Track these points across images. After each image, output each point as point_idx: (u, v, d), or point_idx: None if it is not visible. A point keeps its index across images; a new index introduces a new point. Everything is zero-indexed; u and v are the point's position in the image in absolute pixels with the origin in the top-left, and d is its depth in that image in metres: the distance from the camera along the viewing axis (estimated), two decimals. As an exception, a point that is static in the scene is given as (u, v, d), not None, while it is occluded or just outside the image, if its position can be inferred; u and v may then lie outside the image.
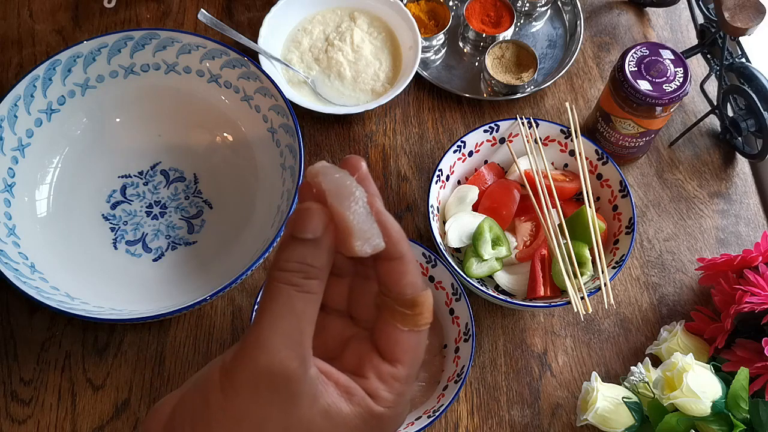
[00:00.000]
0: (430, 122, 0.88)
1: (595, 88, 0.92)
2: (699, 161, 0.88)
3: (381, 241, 0.35)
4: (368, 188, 0.37)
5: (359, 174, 0.37)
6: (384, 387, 0.37)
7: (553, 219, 0.74)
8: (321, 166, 0.35)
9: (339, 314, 0.41)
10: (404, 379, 0.37)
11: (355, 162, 0.37)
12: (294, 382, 0.34)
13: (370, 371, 0.37)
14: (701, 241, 0.83)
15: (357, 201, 0.35)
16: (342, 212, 0.35)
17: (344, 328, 0.40)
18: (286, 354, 0.33)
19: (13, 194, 0.73)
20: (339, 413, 0.35)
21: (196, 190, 0.79)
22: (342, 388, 0.36)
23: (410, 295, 0.37)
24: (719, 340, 0.70)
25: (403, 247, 0.37)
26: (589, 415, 0.67)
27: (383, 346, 0.37)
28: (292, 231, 0.35)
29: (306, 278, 0.35)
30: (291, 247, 0.35)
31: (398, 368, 0.37)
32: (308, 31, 0.90)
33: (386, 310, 0.37)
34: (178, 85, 0.80)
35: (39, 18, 0.92)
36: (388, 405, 0.37)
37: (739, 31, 0.75)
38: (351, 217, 0.35)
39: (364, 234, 0.35)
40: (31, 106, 0.74)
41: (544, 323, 0.78)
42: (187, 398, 0.36)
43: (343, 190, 0.35)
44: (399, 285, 0.37)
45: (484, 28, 0.92)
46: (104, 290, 0.73)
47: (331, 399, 0.35)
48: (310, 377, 0.34)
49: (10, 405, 0.70)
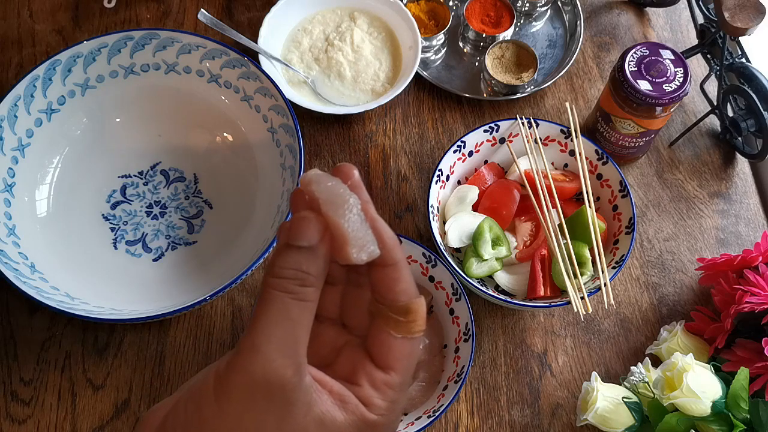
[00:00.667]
0: (430, 122, 0.88)
1: (595, 88, 0.92)
2: (699, 161, 0.88)
3: (376, 248, 0.35)
4: (361, 196, 0.37)
5: (352, 182, 0.37)
6: (377, 394, 0.37)
7: (553, 219, 0.74)
8: (314, 174, 0.36)
9: (332, 322, 0.41)
10: (397, 387, 0.37)
11: (348, 170, 0.37)
12: (289, 391, 0.33)
13: (363, 379, 0.37)
14: (701, 241, 0.83)
15: (351, 208, 0.35)
16: (337, 220, 0.35)
17: (337, 336, 0.40)
18: (281, 362, 0.33)
19: (13, 194, 0.73)
20: (333, 421, 0.35)
21: (196, 190, 0.79)
22: (336, 396, 0.36)
23: (404, 302, 0.37)
24: (719, 340, 0.70)
25: (397, 253, 0.37)
26: (589, 415, 0.67)
27: (376, 353, 0.37)
28: (287, 239, 0.35)
29: (302, 286, 0.35)
30: (287, 255, 0.35)
31: (391, 375, 0.37)
32: (308, 31, 0.90)
33: (379, 318, 0.37)
34: (178, 85, 0.80)
35: (39, 18, 0.92)
36: (382, 413, 0.37)
37: (739, 31, 0.75)
38: (346, 224, 0.35)
39: (359, 241, 0.35)
40: (31, 106, 0.74)
41: (544, 323, 0.78)
42: (180, 405, 0.36)
43: (336, 198, 0.35)
44: (393, 292, 0.37)
45: (484, 28, 0.92)
46: (104, 290, 0.73)
47: (325, 407, 0.35)
48: (305, 385, 0.34)
49: (10, 405, 0.70)
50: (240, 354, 0.34)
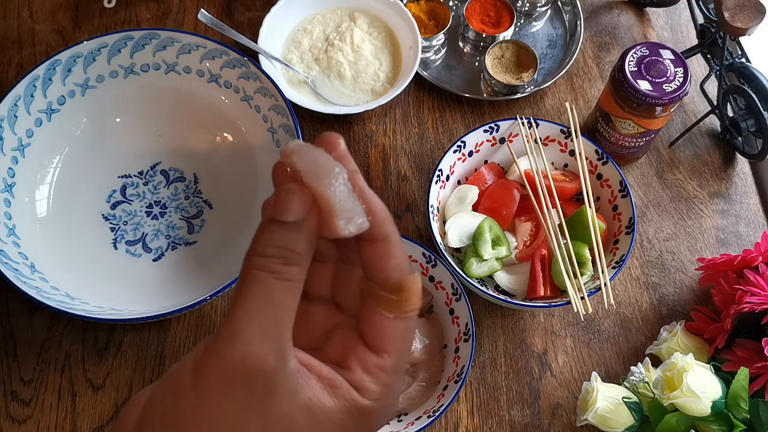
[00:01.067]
0: (430, 122, 0.88)
1: (595, 88, 0.92)
2: (699, 161, 0.88)
3: (365, 219, 0.33)
4: (348, 165, 0.34)
5: (337, 152, 0.34)
6: (370, 378, 0.34)
7: (553, 219, 0.74)
8: (294, 145, 0.33)
9: (323, 302, 0.38)
10: (391, 370, 0.35)
11: (332, 139, 0.34)
12: (271, 378, 0.31)
13: (354, 362, 0.34)
14: (701, 241, 0.83)
15: (337, 177, 0.32)
16: (321, 191, 0.32)
17: (328, 316, 0.37)
18: (262, 348, 0.31)
19: (13, 194, 0.73)
20: (322, 408, 0.32)
21: (196, 190, 0.79)
22: (325, 381, 0.33)
23: (396, 279, 0.34)
24: (719, 340, 0.70)
25: (388, 227, 0.34)
26: (589, 415, 0.67)
27: (368, 335, 0.35)
28: (271, 213, 0.32)
29: (286, 264, 0.32)
30: (270, 231, 0.32)
31: (384, 358, 0.35)
32: (308, 31, 0.90)
33: (371, 297, 0.35)
34: (178, 85, 0.80)
35: (39, 18, 0.92)
36: (375, 397, 0.34)
37: (739, 31, 0.75)
38: (331, 195, 0.32)
39: (347, 213, 0.32)
40: (31, 106, 0.74)
41: (544, 323, 0.78)
42: (157, 396, 0.33)
43: (320, 169, 0.32)
44: (384, 269, 0.34)
45: (484, 28, 0.92)
46: (104, 290, 0.73)
47: (313, 393, 0.33)
48: (290, 371, 0.32)
49: (10, 405, 0.70)
50: (218, 340, 0.31)
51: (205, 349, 0.32)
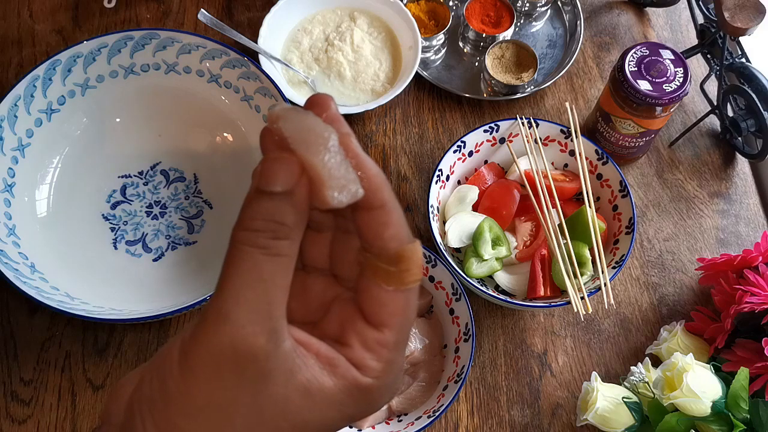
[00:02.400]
0: (430, 122, 0.88)
1: (595, 88, 0.92)
2: (699, 161, 0.88)
3: (359, 187, 0.30)
4: (340, 128, 0.31)
5: (328, 114, 0.31)
6: (370, 355, 0.32)
7: (553, 219, 0.74)
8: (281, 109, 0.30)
9: (321, 273, 0.36)
10: (392, 345, 0.33)
11: (323, 100, 0.31)
12: (263, 360, 0.29)
13: (353, 338, 0.32)
14: (701, 241, 0.83)
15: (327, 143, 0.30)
16: (310, 158, 0.29)
17: (327, 288, 0.35)
18: (251, 329, 0.29)
19: (13, 194, 0.73)
20: (321, 389, 0.31)
21: (196, 190, 0.79)
22: (323, 360, 0.31)
23: (394, 249, 0.32)
24: (719, 340, 0.70)
25: (385, 194, 0.31)
26: (589, 415, 0.67)
27: (367, 309, 0.33)
28: (257, 184, 0.30)
29: (275, 238, 0.30)
30: (257, 203, 0.30)
31: (385, 333, 0.32)
32: (308, 31, 0.90)
33: (369, 269, 0.32)
34: (178, 85, 0.80)
35: (39, 18, 0.92)
36: (376, 375, 0.32)
37: (739, 31, 0.75)
38: (321, 163, 0.29)
39: (338, 181, 0.30)
40: (31, 106, 0.74)
41: (544, 323, 0.78)
42: (145, 380, 0.32)
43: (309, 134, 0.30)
44: (381, 238, 0.32)
45: (484, 28, 0.92)
46: (104, 290, 0.73)
47: (311, 373, 0.31)
48: (284, 351, 0.30)
49: (10, 405, 0.70)
50: (205, 322, 0.29)
51: (192, 332, 0.30)
